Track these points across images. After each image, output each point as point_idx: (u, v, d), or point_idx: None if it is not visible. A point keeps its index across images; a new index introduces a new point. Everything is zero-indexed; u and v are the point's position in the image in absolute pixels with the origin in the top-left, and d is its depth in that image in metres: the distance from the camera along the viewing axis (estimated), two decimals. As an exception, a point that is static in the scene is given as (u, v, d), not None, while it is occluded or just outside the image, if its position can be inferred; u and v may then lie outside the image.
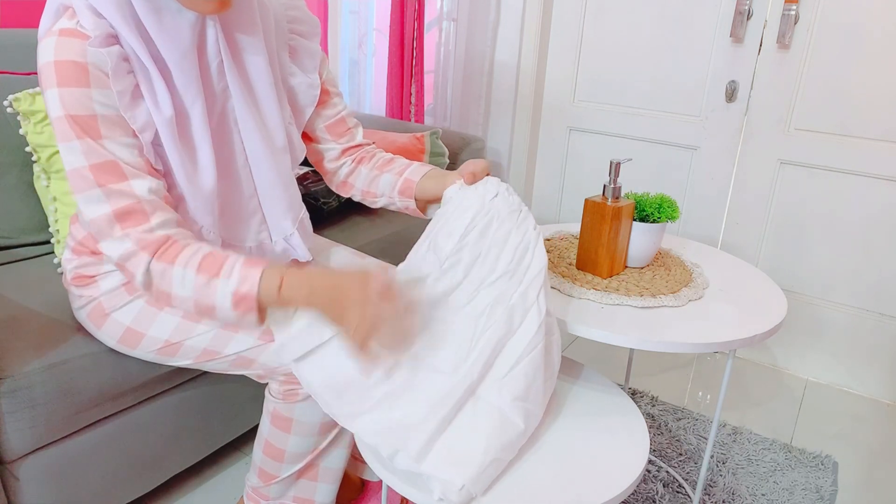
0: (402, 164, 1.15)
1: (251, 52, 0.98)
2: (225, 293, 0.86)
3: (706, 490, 1.44)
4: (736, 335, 0.99)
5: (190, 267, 0.86)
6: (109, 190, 0.86)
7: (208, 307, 0.88)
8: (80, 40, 0.84)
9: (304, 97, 1.10)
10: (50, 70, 0.84)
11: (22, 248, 1.44)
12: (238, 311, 0.87)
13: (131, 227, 0.86)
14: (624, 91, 2.09)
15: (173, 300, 0.89)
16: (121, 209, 0.86)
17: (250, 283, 0.86)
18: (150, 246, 0.87)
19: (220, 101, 0.97)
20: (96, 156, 0.85)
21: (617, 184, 1.12)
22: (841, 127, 1.78)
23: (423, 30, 2.22)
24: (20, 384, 0.99)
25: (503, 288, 0.91)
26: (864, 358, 1.89)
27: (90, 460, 1.12)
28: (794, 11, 1.75)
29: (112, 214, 0.86)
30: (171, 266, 0.86)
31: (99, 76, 0.85)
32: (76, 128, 0.84)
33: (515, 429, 0.85)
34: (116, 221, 0.86)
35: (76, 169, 0.86)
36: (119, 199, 0.86)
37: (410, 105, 2.30)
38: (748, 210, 1.96)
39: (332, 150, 1.17)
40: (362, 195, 1.18)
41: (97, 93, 0.85)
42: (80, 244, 1.05)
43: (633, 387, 1.86)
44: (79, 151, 0.85)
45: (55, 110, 0.85)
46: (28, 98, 1.36)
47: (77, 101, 0.84)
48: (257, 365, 1.02)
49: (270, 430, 1.07)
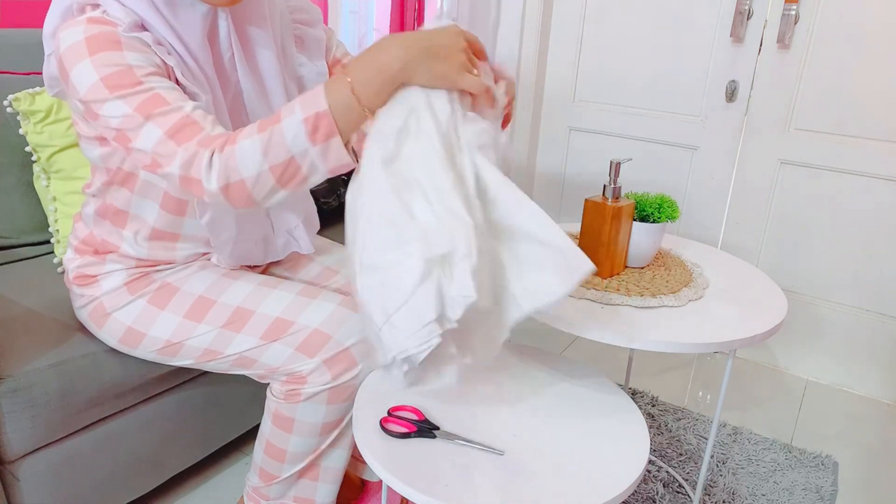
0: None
1: (262, 45, 0.99)
2: (296, 129, 0.77)
3: (706, 490, 1.44)
4: (736, 335, 0.99)
5: (251, 135, 0.79)
6: (156, 115, 0.82)
7: (287, 163, 0.79)
8: (111, 26, 0.84)
9: (313, 86, 1.11)
10: (80, 46, 0.82)
11: (22, 248, 1.44)
12: (319, 142, 0.78)
13: (187, 139, 0.82)
14: (624, 91, 2.09)
15: (248, 184, 0.80)
16: (172, 126, 0.82)
17: (316, 102, 0.77)
18: (207, 142, 0.81)
19: (232, 93, 0.98)
20: (137, 97, 0.83)
21: (617, 184, 1.12)
22: (841, 127, 1.78)
23: (423, 30, 2.22)
24: (20, 384, 1.00)
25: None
26: (864, 358, 1.89)
27: (90, 460, 1.12)
28: (794, 11, 1.75)
29: (164, 135, 0.81)
30: (233, 147, 0.79)
31: (133, 43, 0.84)
32: (112, 87, 0.82)
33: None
34: (170, 138, 0.81)
35: (125, 115, 0.82)
36: (167, 120, 0.82)
37: (410, 105, 2.30)
38: (748, 210, 1.96)
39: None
40: None
41: (130, 55, 0.83)
42: (82, 243, 1.06)
43: (633, 387, 1.86)
44: (120, 103, 0.82)
45: (88, 79, 0.82)
46: (28, 98, 1.36)
47: (108, 62, 0.82)
48: (258, 365, 1.02)
49: (272, 430, 1.07)
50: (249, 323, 1.01)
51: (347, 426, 1.08)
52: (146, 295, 1.03)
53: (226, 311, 1.01)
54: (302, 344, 0.99)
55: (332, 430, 1.07)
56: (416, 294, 0.78)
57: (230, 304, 1.02)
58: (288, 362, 1.00)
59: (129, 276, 1.04)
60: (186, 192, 0.84)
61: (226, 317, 1.01)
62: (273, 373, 1.03)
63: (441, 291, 0.78)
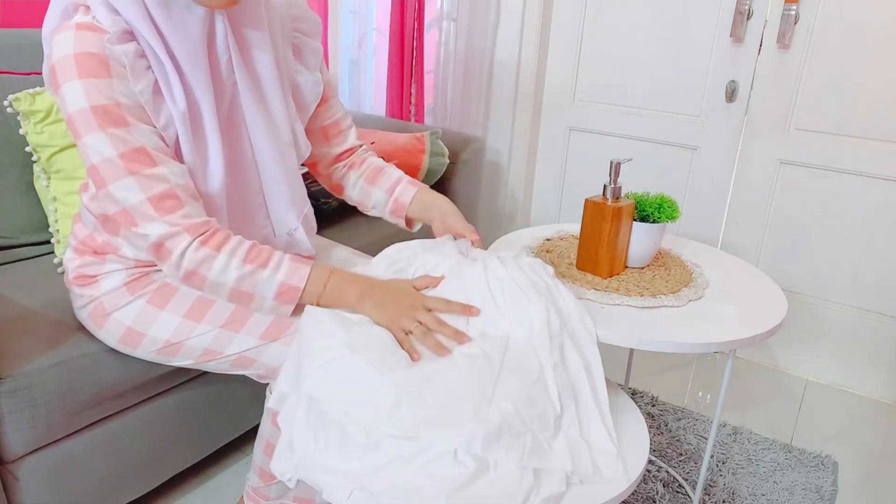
0: (392, 180, 1.19)
1: (259, 47, 0.99)
2: (271, 283, 0.92)
3: (706, 490, 1.44)
4: (736, 335, 0.99)
5: (236, 257, 0.91)
6: (142, 177, 0.87)
7: (246, 295, 0.93)
8: (98, 34, 0.85)
9: (309, 94, 1.12)
10: (69, 63, 0.84)
11: (22, 248, 1.44)
12: (277, 302, 0.94)
13: (168, 211, 0.88)
14: (624, 91, 2.09)
15: (205, 284, 0.92)
16: (156, 194, 0.87)
17: (299, 277, 0.93)
18: (193, 228, 0.89)
19: (229, 96, 0.98)
20: (125, 144, 0.86)
21: (617, 184, 1.12)
22: (841, 127, 1.78)
23: (423, 30, 2.22)
24: (20, 384, 0.99)
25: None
26: (864, 358, 1.89)
27: (90, 460, 1.12)
28: (794, 11, 1.75)
29: (148, 200, 0.87)
30: (215, 253, 0.90)
31: (119, 69, 0.86)
32: (100, 119, 0.85)
33: None
34: (153, 206, 0.87)
35: (106, 159, 0.86)
36: (153, 185, 0.87)
37: (410, 105, 2.30)
38: (748, 210, 1.96)
39: (325, 154, 1.21)
40: (356, 203, 1.24)
41: (118, 83, 0.86)
42: (82, 244, 1.06)
43: (633, 387, 1.86)
44: (106, 141, 0.85)
45: (77, 103, 0.84)
46: (28, 98, 1.36)
47: (100, 92, 0.85)
48: (258, 365, 1.02)
49: (271, 430, 1.07)
50: (249, 323, 1.01)
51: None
52: (146, 295, 1.03)
53: (225, 310, 1.01)
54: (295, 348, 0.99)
55: (332, 430, 1.07)
56: None
57: (229, 304, 1.02)
58: (288, 362, 1.00)
59: (129, 276, 1.04)
60: (149, 254, 0.92)
61: (225, 317, 1.01)
62: (273, 372, 1.03)
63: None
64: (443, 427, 0.77)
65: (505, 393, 0.82)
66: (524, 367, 0.86)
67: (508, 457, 0.77)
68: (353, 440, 0.78)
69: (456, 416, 0.78)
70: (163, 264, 0.91)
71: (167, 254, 0.89)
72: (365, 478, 0.76)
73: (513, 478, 0.76)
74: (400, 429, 0.77)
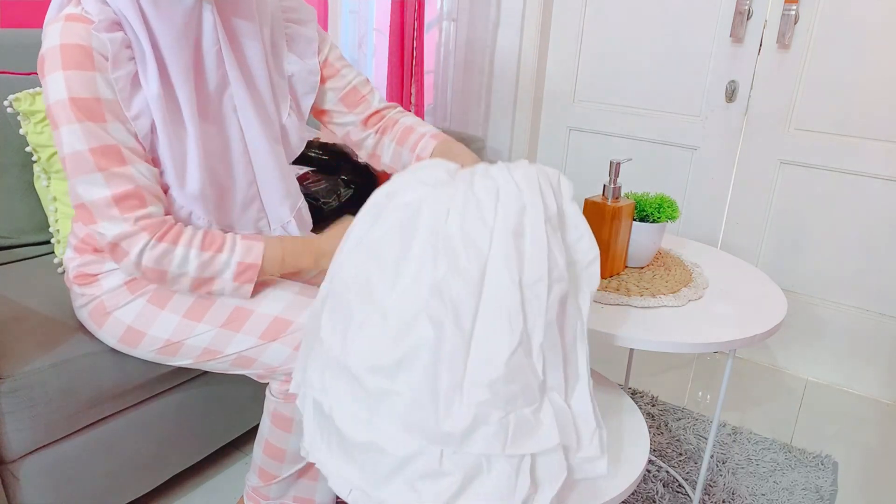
0: (416, 136, 1.17)
1: (249, 38, 1.00)
2: (229, 264, 0.95)
3: (706, 490, 1.44)
4: (736, 335, 0.99)
5: (193, 246, 0.92)
6: (110, 173, 0.88)
7: (207, 280, 0.95)
8: (85, 25, 0.86)
9: (304, 85, 1.12)
10: (55, 53, 0.85)
11: (22, 248, 1.44)
12: (238, 283, 0.96)
13: (129, 210, 0.89)
14: (624, 91, 2.09)
15: (167, 278, 0.94)
16: (120, 193, 0.89)
17: (255, 255, 0.96)
18: (151, 227, 0.91)
19: (219, 88, 0.98)
20: (97, 139, 0.87)
21: (617, 184, 1.12)
22: (841, 127, 1.78)
23: (423, 30, 2.22)
24: (20, 384, 0.99)
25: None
26: (864, 358, 1.89)
27: (90, 460, 1.12)
28: (794, 11, 1.75)
29: (111, 198, 0.88)
30: (173, 247, 0.92)
31: (102, 62, 0.87)
32: (78, 111, 0.86)
33: None
34: (115, 204, 0.89)
35: (76, 152, 0.87)
36: (119, 184, 0.88)
37: (410, 105, 2.30)
38: (748, 210, 1.96)
39: (351, 122, 1.19)
40: (389, 168, 1.22)
41: (101, 77, 0.87)
42: (82, 242, 1.06)
43: (633, 387, 1.86)
44: (79, 134, 0.86)
45: (58, 93, 0.86)
46: (28, 98, 1.36)
47: (82, 85, 0.86)
48: (258, 364, 1.02)
49: (271, 429, 1.07)
50: (248, 322, 1.01)
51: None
52: (146, 294, 1.03)
53: (225, 310, 1.01)
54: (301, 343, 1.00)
55: (332, 430, 1.07)
56: None
57: (229, 303, 1.02)
58: (287, 362, 1.00)
59: (129, 276, 1.04)
60: (106, 251, 0.95)
61: (225, 316, 1.01)
62: (272, 372, 1.03)
63: None
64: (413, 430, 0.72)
65: (478, 375, 0.71)
66: (503, 328, 0.72)
67: (490, 447, 0.71)
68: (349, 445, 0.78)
69: (424, 418, 0.71)
70: (119, 263, 0.93)
71: (123, 254, 0.91)
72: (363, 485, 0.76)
73: (508, 482, 0.72)
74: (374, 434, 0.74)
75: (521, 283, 0.74)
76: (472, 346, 0.72)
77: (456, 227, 0.75)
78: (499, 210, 0.76)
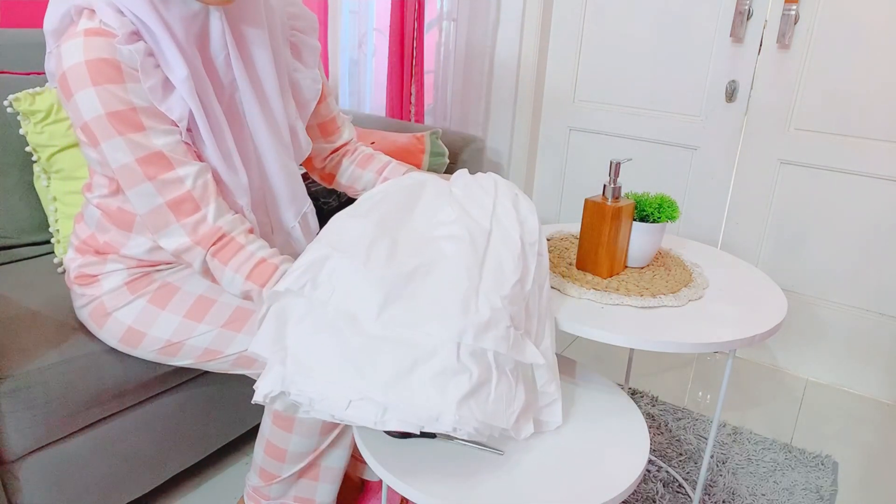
0: (381, 163, 1.22)
1: (257, 44, 0.99)
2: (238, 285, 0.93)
3: (706, 490, 1.44)
4: (736, 335, 0.99)
5: (240, 273, 0.92)
6: (160, 182, 0.88)
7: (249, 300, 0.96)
8: (108, 38, 0.85)
9: (309, 91, 1.13)
10: (81, 70, 0.84)
11: (22, 248, 1.44)
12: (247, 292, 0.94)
13: (185, 217, 0.90)
14: (624, 91, 2.09)
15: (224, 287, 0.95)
16: (173, 200, 0.89)
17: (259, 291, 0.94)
18: (204, 240, 0.92)
19: (228, 92, 0.98)
20: (142, 149, 0.87)
21: (617, 184, 1.12)
22: (841, 127, 1.78)
23: (423, 30, 2.22)
24: (20, 384, 1.00)
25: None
26: (864, 358, 1.89)
27: (90, 460, 1.12)
28: (794, 11, 1.75)
29: (165, 206, 0.89)
30: (223, 267, 0.92)
31: (130, 73, 0.86)
32: (118, 125, 0.85)
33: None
34: (170, 212, 0.90)
35: (124, 165, 0.87)
36: (170, 190, 0.89)
37: (410, 105, 2.30)
38: (748, 210, 1.96)
39: (322, 149, 1.23)
40: (344, 189, 1.26)
41: (132, 87, 0.87)
42: (84, 243, 1.06)
43: (633, 387, 1.86)
44: (124, 147, 0.86)
45: (92, 110, 0.85)
46: (28, 98, 1.36)
47: (115, 98, 0.85)
48: (259, 364, 1.02)
49: (272, 429, 1.07)
50: (249, 322, 1.01)
51: (347, 426, 1.08)
52: (146, 294, 1.03)
53: (226, 310, 1.01)
54: None
55: (332, 430, 1.07)
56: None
57: (230, 303, 1.02)
58: (288, 362, 1.00)
59: (130, 276, 1.04)
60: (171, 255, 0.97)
61: (226, 316, 1.01)
62: (273, 373, 1.03)
63: None
64: (433, 320, 0.78)
65: (491, 288, 0.82)
66: (509, 264, 0.87)
67: (498, 346, 0.78)
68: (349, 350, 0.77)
69: (446, 309, 0.78)
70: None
71: (188, 264, 0.96)
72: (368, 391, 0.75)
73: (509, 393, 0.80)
74: (390, 329, 0.77)
75: (523, 239, 0.91)
76: (483, 271, 0.84)
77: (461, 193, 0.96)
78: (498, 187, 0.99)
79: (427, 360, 0.76)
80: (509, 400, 0.81)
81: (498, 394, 0.79)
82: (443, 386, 0.75)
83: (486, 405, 0.77)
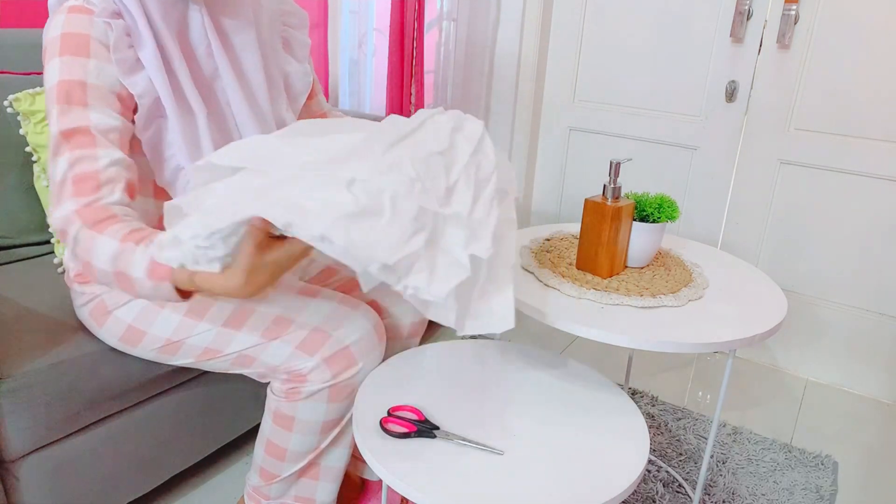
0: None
1: (240, 35, 1.02)
2: (141, 261, 0.80)
3: (706, 490, 1.44)
4: (736, 335, 0.99)
5: (114, 238, 0.82)
6: (76, 156, 0.86)
7: (126, 277, 0.82)
8: (87, 15, 0.89)
9: (300, 84, 1.15)
10: (55, 42, 0.88)
11: (22, 248, 1.44)
12: (153, 281, 0.80)
13: (81, 194, 0.84)
14: (624, 91, 2.09)
15: (96, 273, 0.84)
16: (78, 174, 0.85)
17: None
18: (88, 215, 0.83)
19: (208, 82, 1.00)
20: (71, 120, 0.87)
21: (617, 184, 1.12)
22: (841, 127, 1.78)
23: (423, 30, 2.22)
24: (20, 384, 1.00)
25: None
26: (864, 358, 1.89)
27: (90, 460, 1.12)
28: (794, 11, 1.75)
29: (70, 179, 0.85)
30: (98, 235, 0.82)
31: (99, 49, 0.89)
32: (62, 94, 0.87)
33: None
34: (72, 185, 0.84)
35: (52, 134, 0.88)
36: (81, 165, 0.86)
37: (410, 105, 2.30)
38: (748, 210, 1.97)
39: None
40: None
41: (94, 63, 0.89)
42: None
43: (633, 387, 1.86)
44: (55, 116, 0.87)
45: (51, 79, 0.87)
46: (28, 98, 1.36)
47: (71, 70, 0.87)
48: (258, 363, 1.02)
49: (272, 429, 1.07)
50: (249, 321, 1.01)
51: (347, 425, 1.08)
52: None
53: (226, 309, 1.01)
54: (302, 342, 1.00)
55: (333, 429, 1.07)
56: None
57: (230, 302, 1.02)
58: (288, 360, 1.00)
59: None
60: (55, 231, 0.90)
61: (226, 315, 1.01)
62: (273, 371, 1.03)
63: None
64: (347, 160, 0.75)
65: (406, 150, 0.79)
66: (431, 141, 0.83)
67: (397, 187, 0.75)
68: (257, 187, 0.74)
69: (361, 153, 0.76)
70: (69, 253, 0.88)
71: (66, 240, 0.85)
72: (258, 198, 0.72)
73: (403, 235, 0.75)
74: (307, 169, 0.75)
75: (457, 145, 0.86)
76: (404, 141, 0.81)
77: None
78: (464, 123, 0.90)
79: (323, 188, 0.74)
80: (399, 244, 0.75)
81: (386, 232, 0.74)
82: (328, 201, 0.73)
83: (367, 233, 0.73)
